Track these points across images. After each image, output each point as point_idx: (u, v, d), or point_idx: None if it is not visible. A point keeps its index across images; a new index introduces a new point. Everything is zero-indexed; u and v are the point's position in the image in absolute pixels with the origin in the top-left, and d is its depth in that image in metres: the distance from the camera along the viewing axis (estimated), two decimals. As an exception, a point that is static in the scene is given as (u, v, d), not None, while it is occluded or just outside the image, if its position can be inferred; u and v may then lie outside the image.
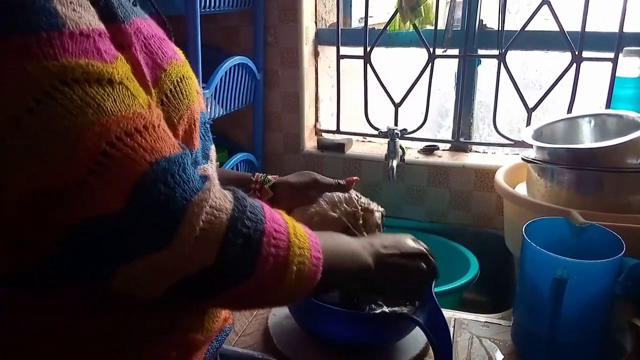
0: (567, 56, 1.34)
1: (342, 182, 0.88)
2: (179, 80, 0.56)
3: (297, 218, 0.82)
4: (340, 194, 0.84)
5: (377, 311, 0.80)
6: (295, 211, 0.84)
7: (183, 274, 0.46)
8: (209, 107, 1.34)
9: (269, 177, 0.87)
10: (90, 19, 0.46)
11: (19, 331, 0.50)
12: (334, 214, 0.81)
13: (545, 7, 1.31)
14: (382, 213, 0.86)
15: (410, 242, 0.72)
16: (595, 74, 1.38)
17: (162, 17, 0.69)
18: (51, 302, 0.49)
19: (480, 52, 1.48)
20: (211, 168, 0.67)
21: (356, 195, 0.85)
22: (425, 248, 0.74)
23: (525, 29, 1.35)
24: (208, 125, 0.69)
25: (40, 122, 0.41)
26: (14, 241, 0.46)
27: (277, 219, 0.52)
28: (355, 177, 0.90)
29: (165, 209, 0.44)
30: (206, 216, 0.45)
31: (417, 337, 0.86)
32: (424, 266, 0.72)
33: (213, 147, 0.71)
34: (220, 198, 0.48)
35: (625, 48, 1.19)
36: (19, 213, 0.43)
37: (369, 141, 1.73)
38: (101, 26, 0.48)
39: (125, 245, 0.44)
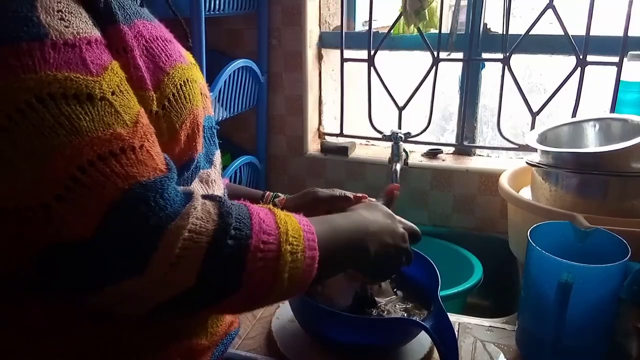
0: (571, 60, 1.34)
1: (349, 195, 0.80)
2: (182, 83, 0.55)
3: None
4: None
5: (384, 316, 0.80)
6: None
7: (162, 297, 0.45)
8: (212, 110, 1.34)
9: (279, 194, 0.86)
10: (80, 26, 0.45)
11: (16, 335, 0.49)
12: None
13: (549, 11, 1.31)
14: None
15: (399, 227, 0.72)
16: (600, 78, 1.38)
17: (179, 19, 0.69)
18: (51, 306, 0.49)
19: (485, 55, 1.48)
20: (214, 173, 0.67)
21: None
22: (411, 231, 0.74)
23: (530, 33, 1.35)
24: (214, 130, 0.69)
25: (9, 141, 0.40)
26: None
27: (267, 227, 0.50)
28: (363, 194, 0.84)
29: (136, 238, 0.43)
30: (183, 242, 0.44)
31: (421, 341, 0.86)
32: (404, 255, 0.71)
33: (218, 152, 0.70)
34: (202, 219, 0.46)
35: (630, 52, 1.19)
36: None
37: (373, 144, 1.73)
38: (93, 33, 0.46)
39: (95, 272, 0.43)
